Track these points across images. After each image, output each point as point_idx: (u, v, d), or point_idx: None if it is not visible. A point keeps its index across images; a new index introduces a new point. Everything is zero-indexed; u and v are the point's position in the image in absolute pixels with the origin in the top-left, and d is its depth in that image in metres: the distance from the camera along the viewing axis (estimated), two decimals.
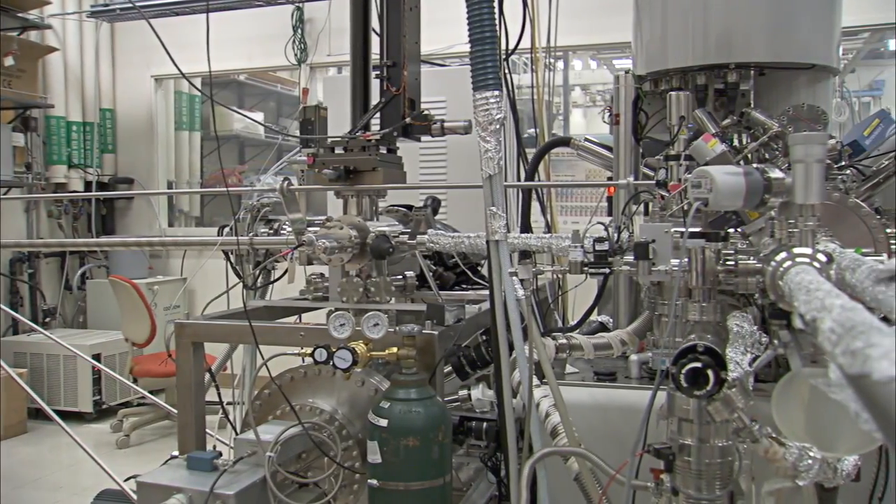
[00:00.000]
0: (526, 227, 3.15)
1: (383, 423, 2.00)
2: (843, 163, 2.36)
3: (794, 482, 1.46)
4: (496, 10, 1.92)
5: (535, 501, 2.02)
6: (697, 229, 1.70)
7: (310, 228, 2.51)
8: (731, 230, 1.84)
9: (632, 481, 1.61)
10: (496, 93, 1.85)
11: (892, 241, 2.15)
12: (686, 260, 1.62)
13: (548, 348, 2.09)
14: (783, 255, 1.41)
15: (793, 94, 2.66)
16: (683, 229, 1.60)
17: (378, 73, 2.70)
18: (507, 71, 2.83)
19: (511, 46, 2.84)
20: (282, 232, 2.87)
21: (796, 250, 1.41)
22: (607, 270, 1.81)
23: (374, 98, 2.75)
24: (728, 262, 1.63)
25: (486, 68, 1.85)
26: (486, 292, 2.23)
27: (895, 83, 7.84)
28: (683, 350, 1.37)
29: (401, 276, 2.69)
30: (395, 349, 2.14)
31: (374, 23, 2.76)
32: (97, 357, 6.04)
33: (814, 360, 1.26)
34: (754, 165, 1.57)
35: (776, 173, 1.49)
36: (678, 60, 2.73)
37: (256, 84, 9.72)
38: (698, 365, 1.34)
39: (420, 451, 1.99)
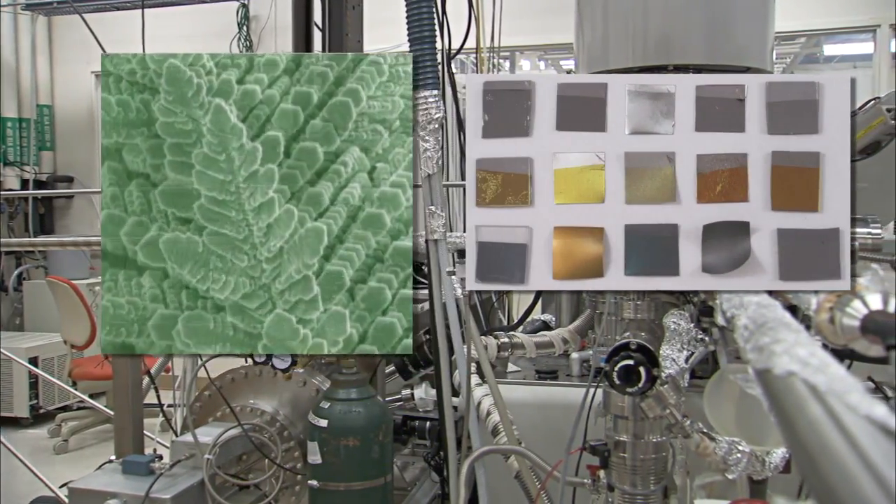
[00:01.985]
0: None
1: (323, 423, 1.99)
2: None
3: (724, 475, 1.50)
4: (436, 10, 1.92)
5: (477, 500, 2.03)
6: None
7: None
8: None
9: (568, 478, 1.62)
10: (435, 92, 1.85)
11: None
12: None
13: (490, 347, 2.10)
14: None
15: None
16: None
17: None
18: (450, 70, 2.83)
19: (456, 46, 2.84)
20: None
21: None
22: None
23: None
24: None
25: (426, 67, 1.85)
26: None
27: None
28: (616, 347, 1.39)
29: None
30: None
31: (320, 20, 2.75)
32: (34, 360, 5.86)
33: (738, 356, 1.29)
34: None
35: None
36: (619, 62, 2.75)
37: None
38: (630, 362, 1.36)
39: (360, 451, 1.99)
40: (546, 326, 2.93)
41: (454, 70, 2.74)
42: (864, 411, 0.41)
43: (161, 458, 2.16)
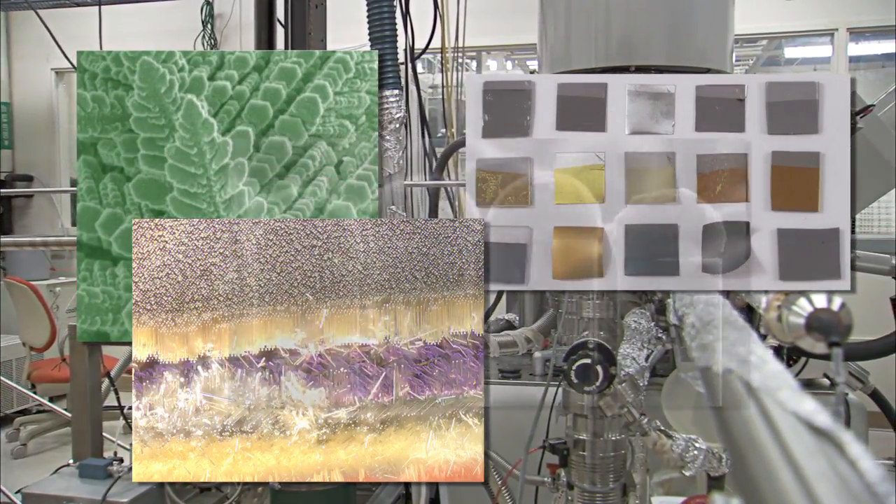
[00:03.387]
0: None
1: None
2: None
3: (682, 472, 1.52)
4: (398, 9, 1.92)
5: (439, 499, 2.03)
6: None
7: None
8: None
9: (528, 477, 1.63)
10: (396, 91, 1.85)
11: None
12: None
13: None
14: None
15: None
16: None
17: None
18: (415, 70, 2.83)
19: (420, 46, 2.84)
20: None
21: None
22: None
23: None
24: None
25: (386, 67, 1.85)
26: None
27: None
28: (574, 346, 1.40)
29: None
30: None
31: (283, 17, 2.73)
32: None
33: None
34: None
35: None
36: (581, 62, 2.77)
37: None
38: (588, 361, 1.37)
39: None
40: (510, 325, 2.94)
41: (421, 70, 2.75)
42: (792, 407, 0.42)
43: (122, 460, 2.13)
